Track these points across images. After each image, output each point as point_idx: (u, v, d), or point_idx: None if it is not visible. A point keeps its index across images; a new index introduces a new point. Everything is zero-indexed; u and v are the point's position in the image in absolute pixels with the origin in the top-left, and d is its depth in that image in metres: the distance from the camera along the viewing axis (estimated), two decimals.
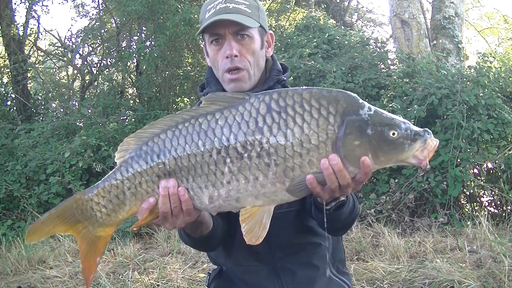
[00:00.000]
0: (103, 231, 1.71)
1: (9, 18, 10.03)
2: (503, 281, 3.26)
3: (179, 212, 1.62)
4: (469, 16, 14.09)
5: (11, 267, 4.61)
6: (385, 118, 1.54)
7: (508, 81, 6.13)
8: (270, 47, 2.11)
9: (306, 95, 1.55)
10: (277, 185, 1.54)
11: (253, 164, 1.53)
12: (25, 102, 9.69)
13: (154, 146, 1.63)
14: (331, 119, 1.52)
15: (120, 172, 1.66)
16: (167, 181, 1.60)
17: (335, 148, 1.50)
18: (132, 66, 10.33)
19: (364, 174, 1.51)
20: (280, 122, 1.53)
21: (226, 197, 1.57)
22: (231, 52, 1.92)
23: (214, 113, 1.59)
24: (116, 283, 3.88)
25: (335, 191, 1.54)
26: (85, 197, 1.69)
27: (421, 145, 1.51)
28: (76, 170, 6.62)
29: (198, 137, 1.58)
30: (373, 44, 7.80)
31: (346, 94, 1.57)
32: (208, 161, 1.56)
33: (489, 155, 5.40)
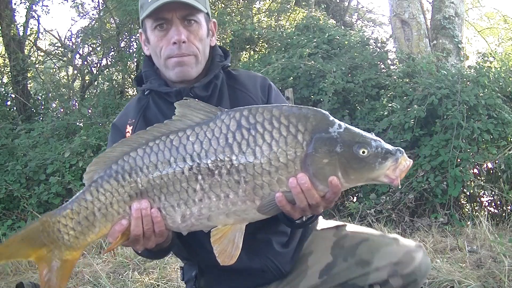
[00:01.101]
0: (70, 254, 1.62)
1: (9, 18, 10.03)
2: (503, 281, 3.26)
3: (151, 234, 1.57)
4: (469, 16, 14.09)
5: (11, 267, 4.61)
6: (355, 136, 1.51)
7: (508, 81, 6.13)
8: (213, 36, 2.00)
9: (276, 112, 1.54)
10: (247, 203, 1.53)
11: (224, 181, 1.52)
12: (25, 102, 9.69)
13: (125, 165, 1.58)
14: (299, 137, 1.50)
15: (89, 192, 1.60)
16: (139, 203, 1.55)
17: (304, 166, 1.48)
18: (132, 66, 10.33)
19: (333, 193, 1.49)
20: (249, 139, 1.52)
21: (198, 216, 1.56)
22: (179, 38, 1.80)
23: (185, 130, 1.56)
24: (116, 283, 3.88)
25: (305, 210, 1.52)
26: (52, 219, 1.61)
27: (393, 163, 1.48)
28: (76, 170, 6.62)
29: (170, 153, 1.55)
30: (373, 44, 7.79)
31: (316, 112, 1.55)
32: (180, 178, 1.54)
33: (489, 155, 5.39)
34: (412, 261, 1.89)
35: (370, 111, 6.30)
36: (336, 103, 6.34)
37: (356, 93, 6.50)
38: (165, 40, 1.83)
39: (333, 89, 6.21)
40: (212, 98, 1.91)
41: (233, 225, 1.56)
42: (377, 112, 6.14)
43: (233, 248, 1.55)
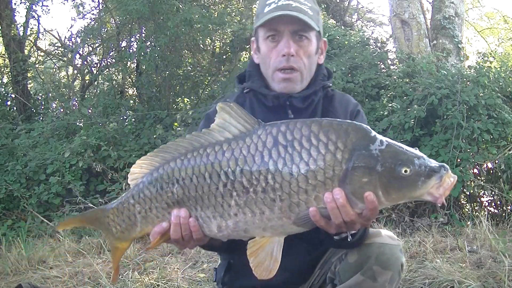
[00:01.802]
0: (120, 243, 1.80)
1: (9, 18, 10.02)
2: (503, 281, 3.26)
3: (190, 239, 1.63)
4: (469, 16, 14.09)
5: (11, 267, 4.60)
6: (397, 153, 1.46)
7: (508, 81, 6.13)
8: (322, 55, 2.04)
9: (315, 128, 1.50)
10: (284, 219, 1.51)
11: (259, 198, 1.51)
12: (25, 102, 9.69)
13: (163, 174, 1.64)
14: (338, 155, 1.46)
15: (132, 196, 1.71)
16: (178, 211, 1.61)
17: (342, 185, 1.45)
18: (132, 66, 10.33)
19: (370, 210, 1.45)
20: (286, 157, 1.49)
21: (234, 228, 1.57)
22: (288, 51, 1.85)
23: (221, 144, 1.57)
24: (116, 283, 3.88)
25: (340, 226, 1.49)
26: (104, 213, 1.78)
27: (437, 182, 1.42)
28: (76, 170, 6.62)
29: (205, 168, 1.57)
30: (373, 44, 7.80)
31: (357, 127, 1.51)
32: (215, 193, 1.55)
33: (489, 155, 5.40)
34: (377, 248, 1.83)
35: (370, 111, 6.30)
36: None
37: (356, 93, 6.50)
38: (275, 52, 1.90)
39: None
40: (306, 111, 1.96)
41: (271, 237, 1.55)
42: (377, 112, 6.14)
43: (271, 262, 1.53)
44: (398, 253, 1.82)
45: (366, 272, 1.77)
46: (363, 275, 1.78)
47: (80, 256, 4.75)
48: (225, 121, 1.58)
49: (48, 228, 5.87)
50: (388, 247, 1.81)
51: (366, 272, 1.77)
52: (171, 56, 9.16)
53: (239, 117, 1.57)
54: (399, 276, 1.84)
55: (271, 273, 1.52)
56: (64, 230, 5.59)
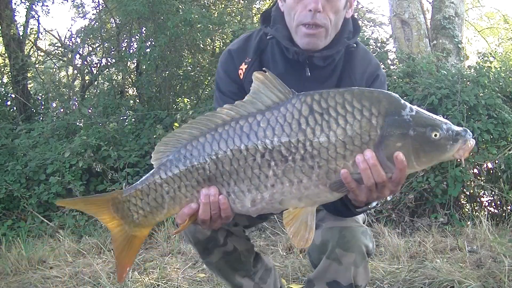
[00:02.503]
0: (139, 231, 1.70)
1: (9, 18, 10.01)
2: (503, 281, 3.26)
3: (218, 218, 1.61)
4: (469, 16, 14.09)
5: (11, 267, 4.60)
6: (427, 119, 1.53)
7: (508, 81, 6.13)
8: (350, 8, 2.00)
9: (348, 96, 1.53)
10: (320, 187, 1.53)
11: (297, 166, 1.51)
12: (25, 102, 9.68)
13: (193, 150, 1.59)
14: (373, 121, 1.50)
15: (159, 175, 1.63)
16: (208, 189, 1.58)
17: (377, 149, 1.49)
18: (132, 66, 10.33)
19: (399, 171, 1.48)
20: (323, 124, 1.51)
21: (269, 200, 1.56)
22: (316, 6, 1.80)
23: (255, 115, 1.55)
24: (116, 283, 3.87)
25: (371, 189, 1.52)
26: (122, 197, 1.68)
27: (461, 145, 1.52)
28: (76, 170, 6.62)
29: (240, 140, 1.54)
30: (373, 44, 7.79)
31: (387, 95, 1.56)
32: (252, 164, 1.54)
33: (489, 155, 5.40)
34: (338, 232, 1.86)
35: None
36: None
37: None
38: (301, 5, 1.84)
39: None
40: (326, 70, 1.95)
41: (304, 208, 1.56)
42: None
43: (306, 231, 1.54)
44: (359, 235, 1.83)
45: (330, 255, 1.81)
46: (329, 258, 1.82)
47: (80, 256, 4.75)
48: (260, 91, 1.57)
49: (48, 228, 5.87)
50: (349, 230, 1.83)
51: (330, 255, 1.81)
52: (171, 56, 9.15)
53: (273, 87, 1.56)
54: (365, 258, 1.85)
55: (308, 242, 1.54)
56: (64, 229, 5.60)
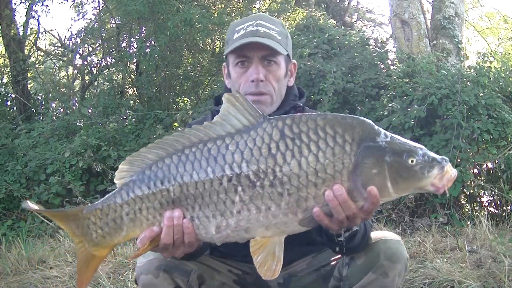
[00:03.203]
0: (97, 251, 1.63)
1: (9, 18, 10.01)
2: (503, 281, 3.26)
3: (181, 244, 1.56)
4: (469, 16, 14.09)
5: (11, 267, 4.60)
6: (403, 145, 1.49)
7: (508, 81, 6.13)
8: (292, 77, 2.10)
9: (321, 121, 1.49)
10: (289, 216, 1.48)
11: (266, 193, 1.46)
12: (25, 102, 9.68)
13: (158, 171, 1.54)
14: (347, 148, 1.45)
15: (120, 195, 1.58)
16: (172, 211, 1.53)
17: (352, 177, 1.45)
18: (132, 66, 10.33)
19: (372, 203, 1.46)
20: (294, 150, 1.46)
21: (235, 227, 1.50)
22: (257, 77, 1.90)
23: (224, 138, 1.50)
24: (116, 283, 3.87)
25: (343, 222, 1.50)
26: (82, 214, 1.62)
27: (439, 172, 1.46)
28: (76, 170, 6.62)
29: (207, 163, 1.49)
30: (373, 44, 7.79)
31: (361, 121, 1.51)
32: (218, 189, 1.48)
33: (489, 155, 5.40)
34: (382, 245, 1.83)
35: (370, 111, 6.30)
36: (336, 103, 6.34)
37: (356, 93, 6.50)
38: (244, 77, 1.94)
39: (333, 89, 6.21)
40: None
41: (272, 237, 1.51)
42: (377, 112, 6.14)
43: (274, 262, 1.50)
44: (402, 247, 1.83)
45: (378, 269, 1.77)
46: (375, 273, 1.78)
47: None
48: (230, 113, 1.53)
49: (48, 228, 5.86)
50: (392, 241, 1.82)
51: (377, 269, 1.78)
52: (171, 56, 9.16)
53: (244, 110, 1.52)
54: (406, 270, 1.86)
55: (275, 273, 1.50)
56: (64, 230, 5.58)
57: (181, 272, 1.81)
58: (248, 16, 2.06)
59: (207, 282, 1.92)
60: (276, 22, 2.01)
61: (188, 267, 1.84)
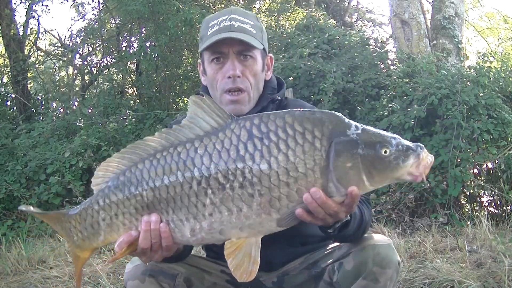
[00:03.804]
0: (80, 252, 1.69)
1: (9, 18, 10.01)
2: (503, 281, 3.26)
3: (158, 247, 1.56)
4: (469, 16, 14.09)
5: (11, 267, 4.60)
6: (375, 136, 1.46)
7: (508, 81, 6.13)
8: (269, 70, 2.05)
9: (289, 118, 1.47)
10: (263, 216, 1.46)
11: (236, 195, 1.45)
12: (25, 102, 9.68)
13: (131, 177, 1.55)
14: (317, 144, 1.43)
15: (96, 201, 1.59)
16: (149, 216, 1.53)
17: (324, 173, 1.42)
18: (132, 66, 10.33)
19: (352, 200, 1.45)
20: (263, 150, 1.44)
21: (209, 230, 1.49)
22: (234, 73, 1.87)
23: (193, 141, 1.50)
24: (116, 283, 3.88)
25: (325, 218, 1.49)
26: (64, 218, 1.67)
27: (415, 160, 1.43)
28: (76, 170, 6.62)
29: (177, 167, 1.49)
30: (373, 44, 7.80)
31: (330, 114, 1.49)
32: (188, 192, 1.48)
33: (489, 155, 5.40)
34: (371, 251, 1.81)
35: (370, 111, 6.30)
36: (336, 103, 6.34)
37: (356, 93, 6.50)
38: (221, 74, 1.90)
39: (333, 89, 6.21)
40: None
41: (248, 238, 1.49)
42: (377, 112, 6.14)
43: (250, 263, 1.48)
44: (392, 251, 1.82)
45: (368, 276, 1.77)
46: (366, 279, 1.77)
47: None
48: (197, 115, 1.52)
49: (48, 228, 5.86)
50: (382, 246, 1.81)
51: (368, 276, 1.77)
52: (171, 56, 9.16)
53: (211, 112, 1.51)
54: (397, 274, 1.84)
55: (251, 275, 1.48)
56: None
57: (167, 276, 1.82)
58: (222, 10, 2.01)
59: (196, 285, 1.91)
60: (250, 16, 1.97)
61: (175, 270, 1.84)
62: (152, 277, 1.80)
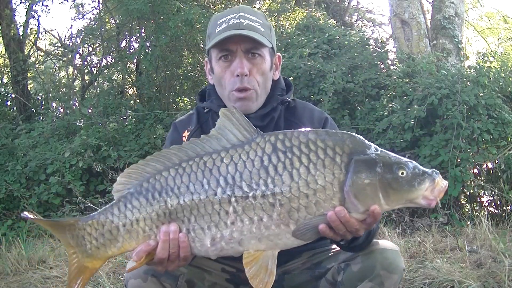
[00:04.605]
0: (90, 262, 1.65)
1: (9, 18, 10.01)
2: (503, 281, 3.26)
3: (176, 258, 1.57)
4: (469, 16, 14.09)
5: (11, 267, 4.60)
6: (393, 157, 1.53)
7: (508, 81, 6.13)
8: (277, 70, 2.05)
9: (312, 135, 1.55)
10: (282, 227, 1.51)
11: (258, 203, 1.51)
12: (25, 102, 9.69)
13: (156, 184, 1.58)
14: (337, 159, 1.50)
15: (117, 207, 1.61)
16: (168, 226, 1.55)
17: (343, 188, 1.48)
18: (132, 66, 10.32)
19: (374, 219, 1.50)
20: (286, 162, 1.51)
21: (229, 239, 1.54)
22: (242, 71, 1.86)
23: (219, 152, 1.56)
24: (116, 283, 3.88)
25: (345, 235, 1.53)
26: (78, 225, 1.64)
27: (430, 184, 1.49)
28: (76, 170, 6.62)
29: (203, 175, 1.55)
30: (373, 44, 7.79)
31: (351, 135, 1.56)
32: (213, 200, 1.53)
33: (489, 155, 5.40)
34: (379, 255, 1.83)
35: (370, 111, 6.30)
36: (336, 103, 6.34)
37: (356, 93, 6.50)
38: (229, 72, 1.89)
39: (333, 89, 6.21)
40: (268, 129, 1.94)
41: (265, 251, 1.54)
42: (377, 112, 6.14)
43: (266, 275, 1.52)
44: (399, 258, 1.85)
45: (375, 278, 1.78)
46: (372, 282, 1.79)
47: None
48: (226, 128, 1.58)
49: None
50: (390, 251, 1.83)
51: (374, 278, 1.78)
52: (171, 56, 9.16)
53: (239, 125, 1.58)
54: (401, 280, 1.88)
55: (267, 285, 1.52)
56: None
57: (169, 276, 1.82)
58: (230, 8, 2.00)
59: (197, 286, 1.92)
60: (258, 14, 1.96)
61: (177, 271, 1.84)
62: (155, 277, 1.80)
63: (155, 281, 1.80)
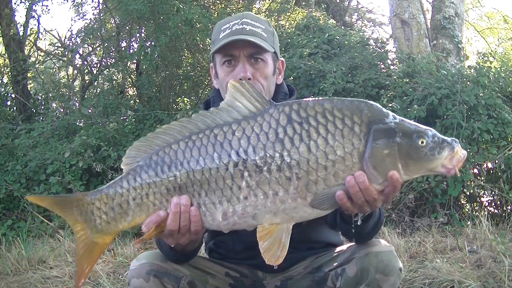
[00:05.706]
0: (100, 238, 1.62)
1: (9, 18, 10.01)
2: (503, 281, 3.26)
3: (187, 231, 1.55)
4: (469, 16, 14.09)
5: (11, 267, 4.60)
6: (412, 126, 1.49)
7: (508, 81, 6.13)
8: (280, 74, 2.07)
9: (328, 105, 1.48)
10: (298, 200, 1.46)
11: (273, 178, 1.45)
12: (25, 102, 9.68)
13: (165, 157, 1.53)
14: (356, 129, 1.45)
15: (127, 180, 1.57)
16: (179, 198, 1.52)
17: (363, 159, 1.44)
18: (132, 66, 10.32)
19: (393, 188, 1.46)
20: (302, 134, 1.45)
21: (242, 214, 1.48)
22: (245, 75, 1.87)
23: (230, 124, 1.50)
24: (116, 283, 3.88)
25: (363, 205, 1.50)
26: (86, 200, 1.60)
27: (449, 153, 1.46)
28: (76, 170, 6.61)
29: (214, 149, 1.48)
30: (373, 44, 7.79)
31: (369, 104, 1.51)
32: (224, 174, 1.47)
33: (489, 155, 5.40)
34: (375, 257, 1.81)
35: None
36: None
37: (356, 93, 6.50)
38: (232, 76, 1.91)
39: (333, 89, 6.21)
40: None
41: (280, 224, 1.49)
42: None
43: (279, 249, 1.48)
44: (394, 258, 1.84)
45: (371, 283, 1.77)
46: (368, 286, 1.78)
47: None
48: (236, 99, 1.52)
49: (48, 228, 5.86)
50: (384, 254, 1.82)
51: (370, 283, 1.77)
52: (171, 56, 9.16)
53: (250, 96, 1.52)
54: (399, 280, 1.86)
55: (279, 259, 1.49)
56: (64, 230, 5.59)
57: (171, 278, 1.82)
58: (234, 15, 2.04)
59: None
60: (261, 20, 2.00)
61: (180, 273, 1.84)
62: (157, 278, 1.80)
63: (157, 281, 1.79)
